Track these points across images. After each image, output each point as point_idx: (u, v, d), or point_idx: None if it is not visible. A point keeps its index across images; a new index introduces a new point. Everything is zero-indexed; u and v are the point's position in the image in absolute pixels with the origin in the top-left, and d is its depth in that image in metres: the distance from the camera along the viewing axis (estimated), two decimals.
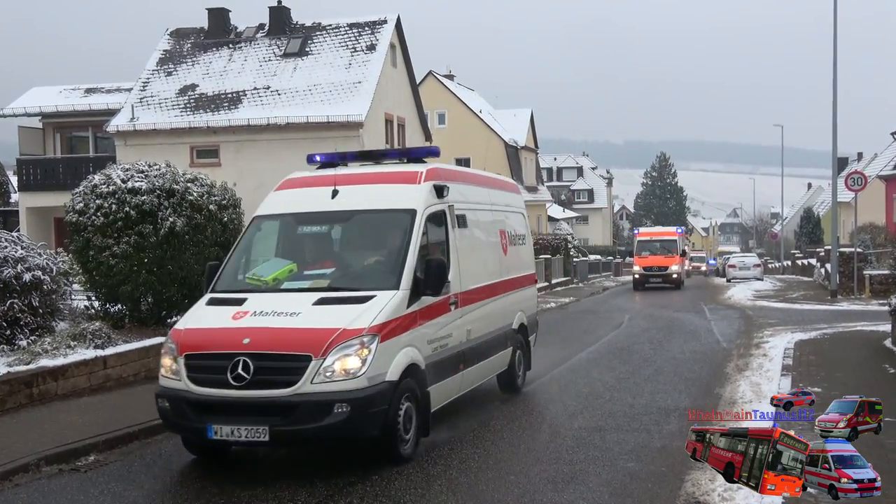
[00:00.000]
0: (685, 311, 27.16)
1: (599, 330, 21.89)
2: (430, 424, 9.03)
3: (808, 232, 65.75)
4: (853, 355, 15.30)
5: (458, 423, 10.83)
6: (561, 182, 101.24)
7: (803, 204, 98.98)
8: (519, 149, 56.12)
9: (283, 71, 34.01)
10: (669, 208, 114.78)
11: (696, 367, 15.18)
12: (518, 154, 55.99)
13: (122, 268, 14.58)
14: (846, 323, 21.30)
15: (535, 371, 14.88)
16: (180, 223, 14.70)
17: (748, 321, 23.53)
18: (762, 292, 36.35)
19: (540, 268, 38.70)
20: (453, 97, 54.36)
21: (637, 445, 9.53)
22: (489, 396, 12.63)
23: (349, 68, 33.49)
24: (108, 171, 15.43)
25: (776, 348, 16.67)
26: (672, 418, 10.91)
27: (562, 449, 9.43)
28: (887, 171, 54.50)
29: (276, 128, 31.97)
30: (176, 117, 33.09)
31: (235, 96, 33.43)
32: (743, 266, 48.68)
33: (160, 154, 23.76)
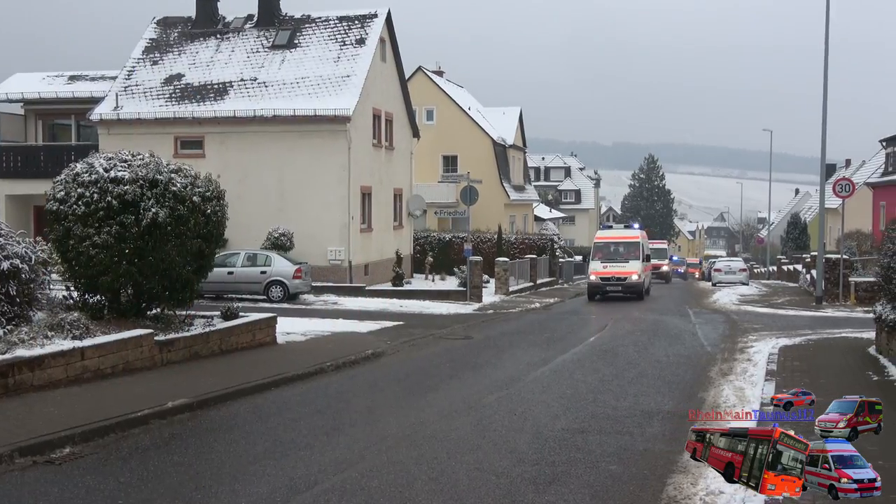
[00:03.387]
0: (670, 315, 27.25)
1: (583, 331, 21.93)
2: None
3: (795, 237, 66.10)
4: (837, 361, 15.39)
5: (443, 421, 10.82)
6: (548, 182, 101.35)
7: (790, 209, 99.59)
8: (507, 147, 56.14)
9: (271, 63, 33.87)
10: (656, 211, 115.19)
11: (680, 371, 15.22)
12: (506, 153, 56.01)
13: (103, 258, 14.48)
14: (831, 329, 21.43)
15: (517, 372, 14.89)
16: (163, 214, 14.60)
17: (733, 326, 23.63)
18: (747, 297, 36.53)
19: (525, 267, 38.76)
20: (442, 94, 54.29)
21: (619, 448, 9.54)
22: (474, 395, 12.63)
23: (338, 62, 33.39)
24: (91, 159, 15.32)
25: (761, 353, 16.75)
26: (655, 421, 10.93)
27: (544, 450, 9.42)
28: (875, 179, 54.90)
29: (262, 120, 31.84)
30: (161, 107, 32.89)
31: (222, 87, 33.27)
32: (728, 270, 48.91)
33: (144, 144, 23.64)
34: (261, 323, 17.19)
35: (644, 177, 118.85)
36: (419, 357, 17.01)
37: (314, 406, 11.87)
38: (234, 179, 30.05)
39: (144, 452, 9.25)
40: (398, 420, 10.92)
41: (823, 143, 31.64)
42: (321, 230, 31.54)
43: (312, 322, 21.25)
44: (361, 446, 9.53)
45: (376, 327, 21.22)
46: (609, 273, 33.77)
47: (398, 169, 37.95)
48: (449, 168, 53.10)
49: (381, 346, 17.83)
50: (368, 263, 34.00)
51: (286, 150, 31.92)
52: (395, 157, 37.48)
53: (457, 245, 41.45)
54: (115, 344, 13.15)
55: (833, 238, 51.39)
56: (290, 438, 9.89)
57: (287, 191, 31.82)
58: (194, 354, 14.92)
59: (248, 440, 9.85)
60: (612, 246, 35.29)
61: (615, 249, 34.98)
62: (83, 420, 9.89)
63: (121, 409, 10.44)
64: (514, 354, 17.33)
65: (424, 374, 14.90)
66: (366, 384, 13.88)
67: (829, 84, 31.05)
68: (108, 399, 11.15)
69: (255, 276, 27.99)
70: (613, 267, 33.92)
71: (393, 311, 26.42)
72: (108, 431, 9.85)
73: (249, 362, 14.91)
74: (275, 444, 9.61)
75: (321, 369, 14.71)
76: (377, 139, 35.02)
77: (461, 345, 19.12)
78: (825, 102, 31.17)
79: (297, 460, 8.94)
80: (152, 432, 10.13)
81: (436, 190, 49.57)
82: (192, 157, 30.34)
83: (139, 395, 11.45)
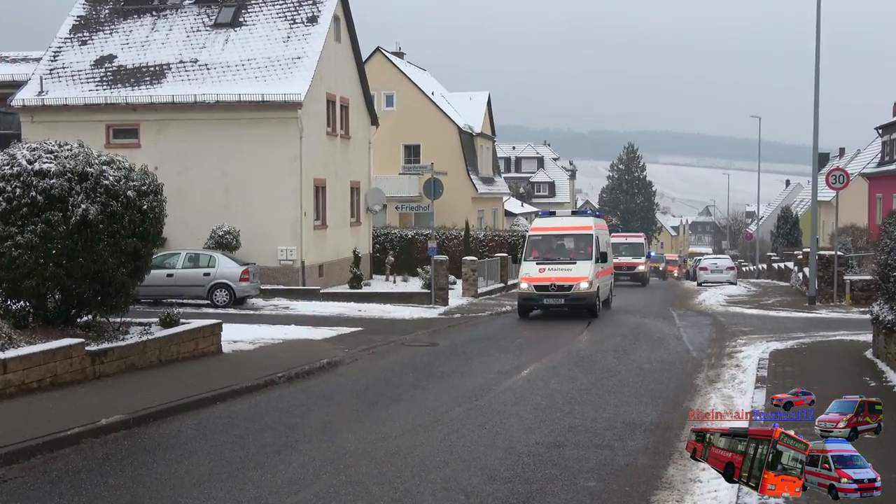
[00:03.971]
0: (652, 317, 27.49)
1: (559, 336, 22.05)
2: None
3: (786, 233, 66.91)
4: (832, 366, 15.61)
5: (407, 436, 10.82)
6: (520, 173, 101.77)
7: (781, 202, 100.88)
8: (474, 136, 56.25)
9: (214, 43, 33.62)
10: (637, 204, 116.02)
11: (664, 379, 15.36)
12: (473, 141, 56.13)
13: (27, 260, 14.29)
14: (825, 332, 21.74)
15: (487, 381, 14.94)
16: (94, 210, 14.45)
17: (720, 329, 23.90)
18: (735, 297, 36.96)
19: (495, 267, 38.86)
20: (403, 77, 54.26)
21: (599, 463, 9.61)
22: (441, 407, 12.64)
23: (287, 42, 33.25)
24: (13, 150, 15.13)
25: (750, 358, 16.95)
26: (637, 434, 11.02)
27: (517, 466, 9.46)
28: (871, 169, 55.80)
29: (204, 106, 31.60)
30: (90, 92, 32.52)
31: (159, 70, 32.97)
32: (715, 268, 49.44)
33: (72, 133, 23.32)
34: (204, 330, 17.07)
35: (623, 167, 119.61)
36: (380, 366, 16.99)
37: (264, 421, 11.81)
38: (174, 172, 29.80)
39: (75, 475, 9.14)
40: (357, 436, 10.90)
41: (816, 129, 32.06)
42: (271, 228, 31.39)
43: (262, 329, 21.16)
44: (317, 465, 9.50)
45: (332, 334, 21.17)
46: (547, 279, 26.34)
47: (355, 160, 37.88)
48: (411, 159, 53.08)
49: (338, 354, 17.80)
50: (323, 264, 33.89)
51: (231, 139, 31.72)
52: (352, 147, 37.41)
53: (420, 243, 41.45)
54: (42, 355, 12.98)
55: (826, 233, 52.13)
56: (237, 457, 9.83)
57: (232, 184, 31.62)
58: (130, 366, 14.78)
59: (191, 460, 9.78)
60: (553, 241, 28.49)
61: (558, 246, 28.38)
62: (6, 440, 9.75)
63: (49, 428, 10.31)
64: (483, 362, 17.38)
65: (386, 384, 14.89)
66: (321, 397, 13.84)
67: (821, 67, 31.49)
68: (34, 416, 11.00)
69: (197, 279, 27.78)
70: (554, 270, 26.58)
71: (351, 315, 26.38)
72: (35, 452, 9.73)
73: (192, 374, 14.81)
74: (221, 464, 9.55)
75: (272, 381, 14.65)
76: (332, 127, 34.92)
77: (426, 352, 19.14)
78: (817, 85, 31.57)
79: (246, 481, 8.89)
80: (84, 453, 10.02)
81: (397, 182, 49.55)
82: (127, 147, 30.06)
83: (69, 412, 11.32)
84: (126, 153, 18.55)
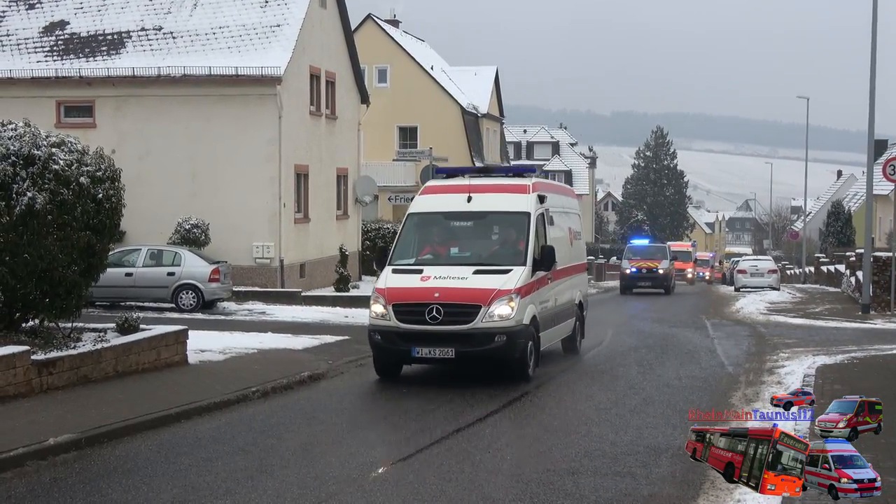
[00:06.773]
0: (682, 327, 27.49)
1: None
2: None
3: (837, 231, 66.94)
4: (888, 385, 15.61)
5: (398, 460, 10.83)
6: (532, 160, 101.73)
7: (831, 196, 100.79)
8: (480, 117, 56.32)
9: (181, 8, 33.63)
10: (666, 197, 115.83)
11: (695, 397, 15.36)
12: (478, 123, 56.20)
13: None
14: (880, 345, 21.75)
15: (492, 398, 14.94)
16: (41, 199, 14.46)
17: (760, 340, 23.91)
18: (778, 305, 36.97)
19: None
20: (398, 49, 54.35)
21: (619, 493, 9.62)
22: (439, 426, 12.64)
23: (265, 7, 33.25)
24: None
25: (793, 374, 16.96)
26: (663, 459, 11.03)
27: (525, 496, 9.47)
28: None
29: (168, 81, 31.61)
30: (38, 63, 32.54)
31: (117, 39, 32.98)
32: (755, 272, 49.44)
33: (17, 110, 23.36)
34: (168, 338, 17.08)
35: (651, 155, 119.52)
36: (369, 380, 16.99)
37: (235, 443, 11.83)
38: (134, 156, 29.81)
39: (19, 502, 9.15)
40: (341, 460, 10.92)
41: (871, 112, 31.94)
42: (245, 221, 31.40)
43: (234, 337, 21.15)
44: (295, 493, 9.52)
45: (315, 343, 21.17)
46: (431, 297, 15.69)
47: (343, 144, 37.90)
48: (407, 143, 53.17)
49: (321, 366, 17.80)
50: (305, 263, 33.92)
51: (200, 118, 31.73)
52: (339, 129, 37.43)
53: None
54: None
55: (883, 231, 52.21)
56: (204, 483, 9.85)
57: (201, 171, 31.63)
58: (83, 378, 14.78)
59: (151, 486, 9.80)
60: (451, 225, 18.02)
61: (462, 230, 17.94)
62: None
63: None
64: (487, 374, 17.35)
65: (374, 400, 14.89)
66: (301, 415, 13.86)
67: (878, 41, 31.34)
68: None
69: (160, 279, 27.79)
70: (444, 279, 16.11)
71: (336, 322, 26.37)
72: None
73: (153, 388, 14.81)
74: (185, 491, 9.57)
75: (244, 396, 14.66)
76: (316, 106, 34.93)
77: None
78: (874, 61, 31.41)
79: None
80: (29, 476, 10.04)
81: (390, 170, 49.60)
82: (80, 126, 30.11)
83: (11, 430, 11.33)
84: (79, 134, 18.59)
